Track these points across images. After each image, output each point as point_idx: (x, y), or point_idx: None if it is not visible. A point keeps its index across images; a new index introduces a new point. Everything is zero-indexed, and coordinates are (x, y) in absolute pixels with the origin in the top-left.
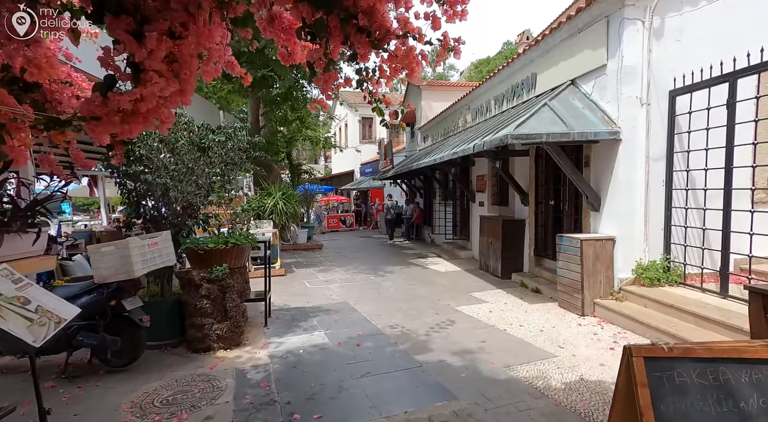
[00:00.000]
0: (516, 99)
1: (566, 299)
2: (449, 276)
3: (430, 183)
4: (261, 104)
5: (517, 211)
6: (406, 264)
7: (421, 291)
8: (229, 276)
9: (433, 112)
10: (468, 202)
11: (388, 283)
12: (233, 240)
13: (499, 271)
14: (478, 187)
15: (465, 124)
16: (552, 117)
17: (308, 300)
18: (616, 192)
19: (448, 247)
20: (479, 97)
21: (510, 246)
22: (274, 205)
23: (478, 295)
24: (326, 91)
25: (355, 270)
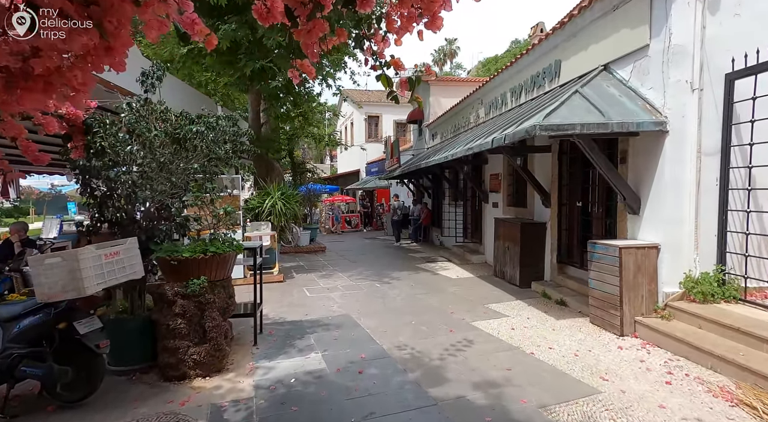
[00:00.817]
0: (536, 90)
1: (600, 315)
2: (461, 284)
3: (439, 182)
4: (262, 100)
5: (537, 213)
6: (414, 269)
7: (431, 301)
8: (208, 291)
9: (442, 108)
10: (480, 203)
11: (394, 292)
12: (214, 248)
13: (517, 279)
14: (492, 186)
15: (477, 120)
16: (585, 105)
17: (306, 312)
18: (661, 192)
19: (458, 251)
20: (494, 90)
21: (529, 252)
22: (273, 206)
23: (496, 307)
24: (310, 47)
25: (359, 275)
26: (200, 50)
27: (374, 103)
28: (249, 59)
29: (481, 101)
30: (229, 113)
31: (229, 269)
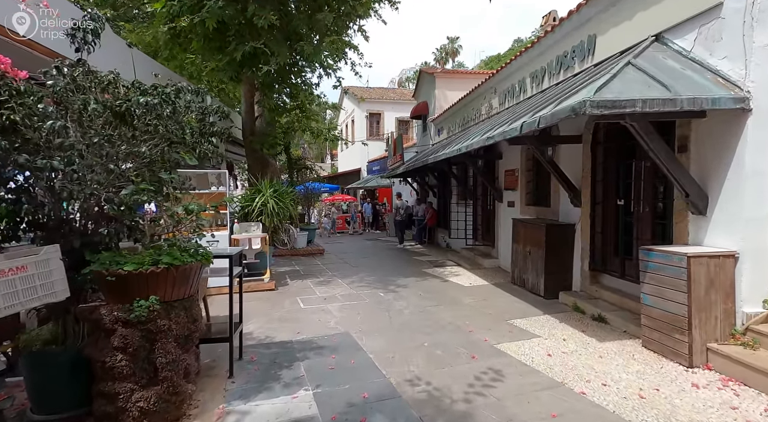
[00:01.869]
0: (563, 72)
1: (659, 339)
2: (476, 294)
3: (446, 180)
4: (256, 91)
5: (563, 213)
6: (420, 274)
7: (444, 315)
8: (161, 315)
9: (448, 102)
10: (492, 202)
11: (401, 302)
12: (169, 258)
13: (542, 289)
14: (507, 183)
15: (490, 111)
16: (642, 79)
17: (299, 330)
18: (739, 186)
19: (468, 254)
20: (510, 77)
21: (555, 257)
22: (264, 205)
23: (522, 324)
24: None
25: (361, 282)
26: (184, 32)
27: (376, 100)
28: (239, 43)
29: (494, 90)
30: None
31: (193, 284)
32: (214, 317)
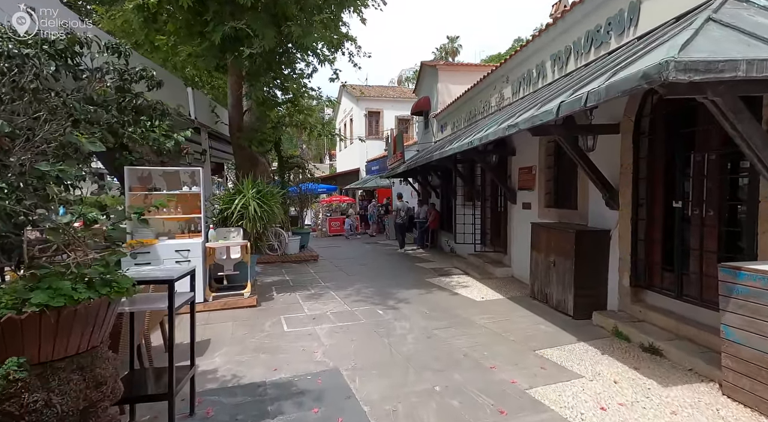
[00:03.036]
0: (594, 50)
1: (752, 389)
2: (492, 311)
3: (450, 180)
4: (244, 83)
5: (593, 216)
6: (424, 285)
7: (456, 342)
8: (34, 386)
9: (452, 96)
10: (504, 203)
11: (403, 324)
12: (44, 296)
13: (570, 307)
14: (522, 183)
15: (501, 102)
16: (735, 37)
17: (276, 365)
18: None
19: (476, 261)
20: (526, 62)
21: (587, 270)
22: (244, 208)
23: (556, 356)
24: None
25: (357, 296)
26: (159, 13)
27: (375, 98)
28: (218, 23)
29: (506, 79)
30: (206, 101)
31: (97, 331)
32: None
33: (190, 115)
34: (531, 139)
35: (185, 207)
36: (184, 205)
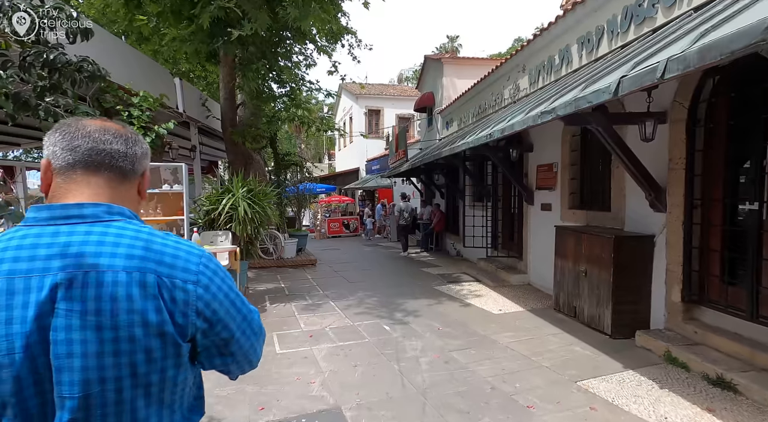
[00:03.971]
0: (636, 27)
1: None
2: (513, 326)
3: (456, 179)
4: (237, 73)
5: (631, 219)
6: (433, 294)
7: (479, 368)
8: None
9: (458, 91)
10: (519, 204)
11: (414, 343)
12: None
13: (607, 324)
14: (541, 182)
15: (516, 94)
16: None
17: (264, 401)
18: None
19: (487, 267)
20: (546, 48)
21: (627, 281)
22: (233, 208)
23: (604, 390)
24: None
25: (359, 307)
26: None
27: (375, 96)
28: (206, 4)
29: (522, 68)
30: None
31: None
32: None
33: (177, 107)
34: (552, 133)
35: (166, 208)
36: (165, 205)
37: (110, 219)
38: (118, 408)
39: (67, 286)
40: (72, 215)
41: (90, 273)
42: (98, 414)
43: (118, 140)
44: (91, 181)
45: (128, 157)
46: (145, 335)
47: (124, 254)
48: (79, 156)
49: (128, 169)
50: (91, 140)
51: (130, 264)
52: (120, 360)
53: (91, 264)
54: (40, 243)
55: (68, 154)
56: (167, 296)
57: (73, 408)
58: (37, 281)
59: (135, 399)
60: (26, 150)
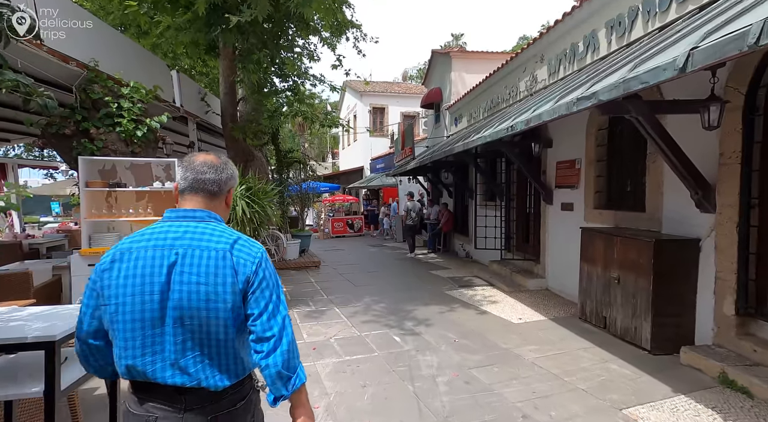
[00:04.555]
0: (679, 5)
1: None
2: (537, 338)
3: (465, 177)
4: (237, 64)
5: (670, 220)
6: (445, 300)
7: (508, 393)
8: None
9: (467, 86)
10: (535, 204)
11: (428, 358)
12: None
13: (646, 338)
14: (561, 179)
15: (534, 85)
16: None
17: None
18: None
19: (501, 270)
20: (568, 35)
21: (670, 291)
22: (232, 208)
23: (655, 421)
24: None
25: (366, 314)
26: None
27: (380, 94)
28: None
29: (540, 57)
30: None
31: None
32: None
33: (174, 101)
34: (574, 127)
35: (158, 207)
36: (156, 204)
37: (209, 220)
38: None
39: (183, 256)
40: (188, 216)
41: (195, 250)
42: (193, 331)
43: (211, 170)
44: (195, 198)
45: (216, 182)
46: (224, 288)
47: (215, 240)
48: (188, 183)
49: (215, 190)
50: (194, 172)
51: (218, 246)
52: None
53: (195, 245)
54: (170, 230)
55: (183, 181)
56: (236, 268)
57: (176, 327)
58: (168, 252)
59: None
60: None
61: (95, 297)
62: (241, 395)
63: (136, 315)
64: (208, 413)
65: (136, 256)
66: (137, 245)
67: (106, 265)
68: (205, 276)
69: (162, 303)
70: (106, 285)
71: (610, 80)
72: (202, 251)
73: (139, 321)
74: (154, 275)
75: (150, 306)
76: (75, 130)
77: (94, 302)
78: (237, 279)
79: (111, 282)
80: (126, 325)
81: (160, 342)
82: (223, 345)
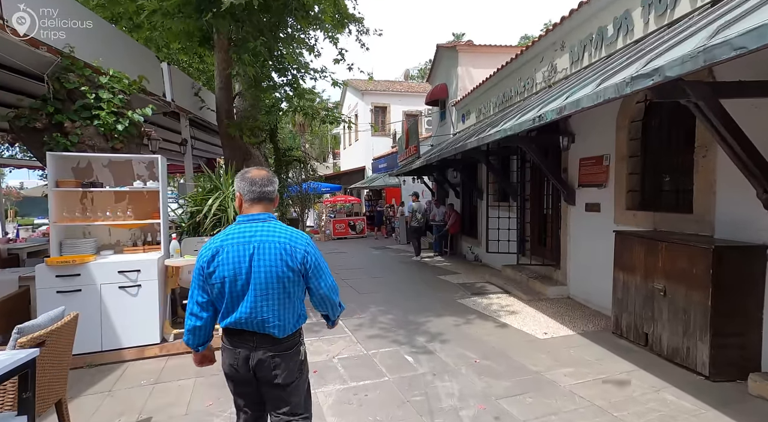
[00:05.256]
0: None
1: None
2: (570, 359)
3: (474, 176)
4: (232, 55)
5: (725, 223)
6: (458, 309)
7: None
8: None
9: (474, 82)
10: (554, 204)
11: (448, 385)
12: None
13: (703, 362)
14: (585, 177)
15: (553, 76)
16: None
17: None
18: None
19: (516, 276)
20: (594, 18)
21: (731, 307)
22: (222, 210)
23: None
24: None
25: (373, 327)
26: None
27: (381, 92)
28: None
29: (561, 45)
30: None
31: None
32: None
33: (164, 95)
34: (601, 119)
35: (140, 209)
36: (138, 206)
37: (269, 219)
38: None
39: (257, 247)
40: (257, 219)
41: (265, 242)
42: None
43: (269, 184)
44: (259, 205)
45: (273, 192)
46: (286, 268)
47: (277, 235)
48: (254, 195)
49: (271, 198)
50: (259, 186)
51: (279, 240)
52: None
53: (265, 240)
54: (245, 230)
55: (248, 193)
56: (294, 254)
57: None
58: (248, 245)
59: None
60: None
61: (203, 279)
62: (292, 343)
63: (232, 289)
64: (270, 351)
65: (227, 251)
66: (226, 243)
67: (209, 258)
68: (274, 260)
69: (248, 280)
70: (211, 271)
71: (678, 52)
72: (270, 243)
73: (234, 292)
74: (241, 262)
75: (240, 283)
76: (47, 123)
77: (202, 283)
78: (294, 261)
79: (213, 269)
80: (226, 295)
81: (246, 306)
82: (284, 308)
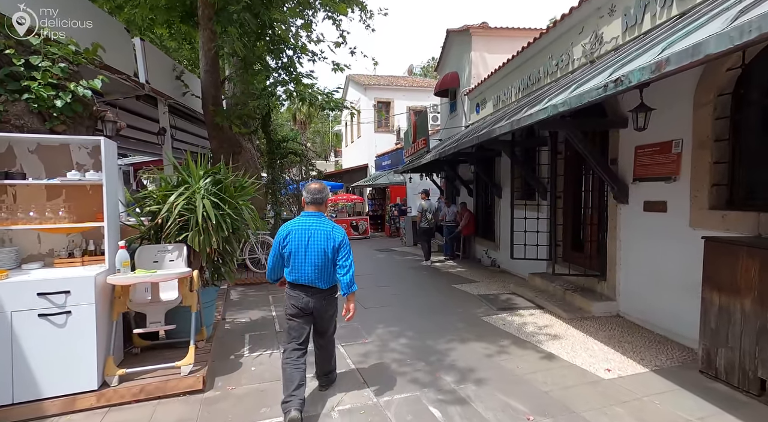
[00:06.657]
0: None
1: None
2: (656, 414)
3: (490, 172)
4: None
5: None
6: (484, 330)
7: None
8: None
9: (489, 68)
10: (595, 201)
11: None
12: None
13: None
14: (644, 169)
15: (598, 48)
16: None
17: None
18: None
19: (548, 286)
20: None
21: None
22: (188, 210)
23: None
24: None
25: (382, 357)
26: None
27: (385, 87)
28: None
29: (610, 9)
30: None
31: None
32: None
33: (136, 76)
34: (669, 95)
35: (81, 209)
36: (79, 204)
37: (321, 216)
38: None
39: (310, 235)
40: (312, 215)
41: (317, 230)
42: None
43: (321, 193)
44: (314, 206)
45: (324, 198)
46: (328, 250)
47: (324, 226)
48: (312, 199)
49: (322, 202)
50: (312, 194)
51: (326, 229)
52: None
53: (316, 228)
54: (306, 221)
55: (307, 198)
56: (334, 239)
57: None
58: (307, 231)
59: (328, 267)
60: None
61: (279, 247)
62: (333, 292)
63: (295, 258)
64: (320, 297)
65: (295, 233)
66: (295, 228)
67: (284, 236)
68: (322, 242)
69: (305, 253)
70: (286, 243)
71: None
72: (320, 231)
73: (297, 260)
74: (302, 241)
75: (302, 254)
76: None
77: (279, 250)
78: (334, 243)
79: (287, 242)
80: (292, 261)
81: (305, 269)
82: (327, 271)
